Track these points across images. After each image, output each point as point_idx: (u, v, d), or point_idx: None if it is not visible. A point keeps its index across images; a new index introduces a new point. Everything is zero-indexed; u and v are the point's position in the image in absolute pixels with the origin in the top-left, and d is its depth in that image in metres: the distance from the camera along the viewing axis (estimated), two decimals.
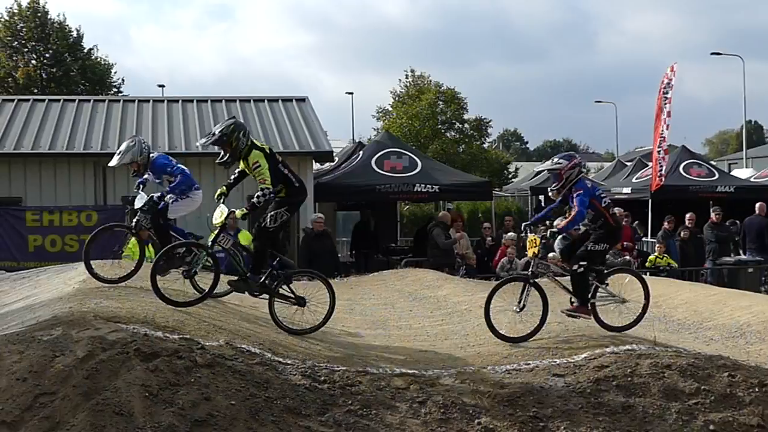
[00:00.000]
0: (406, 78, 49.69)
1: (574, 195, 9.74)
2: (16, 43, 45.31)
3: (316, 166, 22.81)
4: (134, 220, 10.75)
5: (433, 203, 30.78)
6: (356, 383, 7.80)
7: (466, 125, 48.62)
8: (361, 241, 22.44)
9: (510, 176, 49.91)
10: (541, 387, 8.04)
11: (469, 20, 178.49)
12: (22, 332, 7.87)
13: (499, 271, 18.45)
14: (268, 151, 9.65)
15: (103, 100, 24.53)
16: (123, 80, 48.61)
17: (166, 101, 23.93)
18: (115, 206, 19.79)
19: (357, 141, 35.90)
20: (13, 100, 23.78)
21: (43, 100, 23.89)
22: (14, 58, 45.19)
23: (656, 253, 19.80)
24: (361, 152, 23.87)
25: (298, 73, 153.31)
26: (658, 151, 23.31)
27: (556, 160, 10.15)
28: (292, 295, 9.71)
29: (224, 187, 9.84)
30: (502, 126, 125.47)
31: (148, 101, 23.87)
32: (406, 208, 34.98)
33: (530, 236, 10.22)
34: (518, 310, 9.60)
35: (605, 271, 10.13)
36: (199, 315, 9.22)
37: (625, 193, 26.63)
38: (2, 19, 44.70)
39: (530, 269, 9.84)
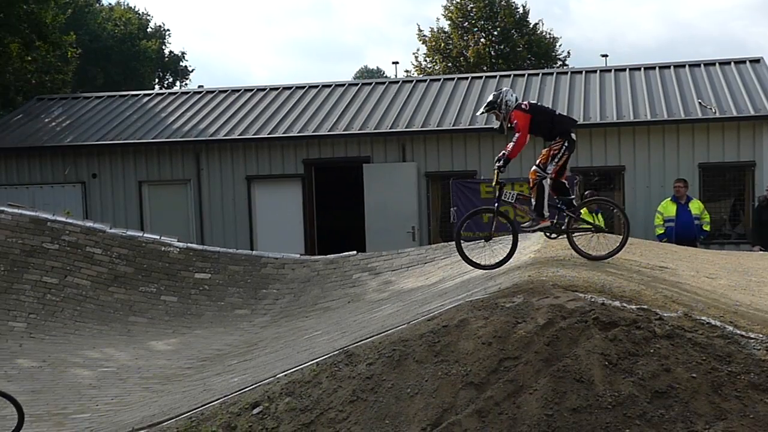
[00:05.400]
0: None
1: None
2: (466, 23, 47.49)
3: None
4: None
5: None
6: None
7: None
8: None
9: None
10: None
11: None
12: (486, 299, 8.30)
13: None
14: None
15: (551, 73, 25.01)
16: (569, 53, 49.16)
17: (613, 71, 23.86)
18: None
19: None
20: (466, 78, 25.07)
21: (494, 76, 24.90)
22: (465, 37, 47.39)
23: None
24: None
25: (745, 32, 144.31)
26: None
27: None
28: None
29: None
30: None
31: (594, 71, 23.97)
32: None
33: None
34: None
35: None
36: (655, 286, 9.14)
37: None
38: (454, 2, 47.15)
39: None
